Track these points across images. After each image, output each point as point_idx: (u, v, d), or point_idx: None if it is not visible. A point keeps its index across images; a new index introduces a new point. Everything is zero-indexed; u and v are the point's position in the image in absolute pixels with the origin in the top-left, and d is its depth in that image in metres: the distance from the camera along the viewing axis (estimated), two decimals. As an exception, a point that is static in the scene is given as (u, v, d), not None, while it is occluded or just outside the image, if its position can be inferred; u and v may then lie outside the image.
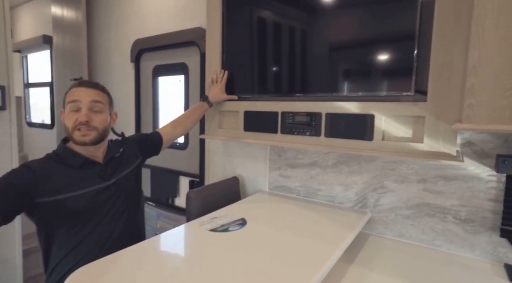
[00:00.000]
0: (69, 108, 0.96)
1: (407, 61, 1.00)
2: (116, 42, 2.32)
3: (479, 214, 1.07)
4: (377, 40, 1.08)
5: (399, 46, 1.03)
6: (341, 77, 1.20)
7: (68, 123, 0.96)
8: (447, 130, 0.95)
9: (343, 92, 1.17)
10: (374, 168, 1.26)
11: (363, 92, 1.12)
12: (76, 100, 0.96)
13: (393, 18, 1.04)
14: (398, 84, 1.04)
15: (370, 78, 1.12)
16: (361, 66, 1.13)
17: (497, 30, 0.66)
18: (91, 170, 1.00)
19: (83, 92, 0.97)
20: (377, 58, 1.09)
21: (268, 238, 1.01)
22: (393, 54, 1.06)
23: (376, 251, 1.13)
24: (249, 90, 1.44)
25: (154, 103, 2.10)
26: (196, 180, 1.88)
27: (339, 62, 1.20)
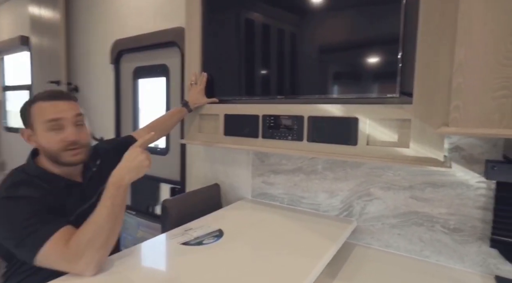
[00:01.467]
0: (48, 127, 0.83)
1: (392, 63, 0.95)
2: (95, 42, 2.23)
3: (468, 223, 1.01)
4: (361, 42, 1.02)
5: (383, 47, 0.98)
6: (324, 79, 1.14)
7: (51, 145, 0.83)
8: (433, 134, 0.90)
9: (326, 95, 1.11)
10: (360, 174, 1.20)
11: (346, 95, 1.06)
12: (57, 119, 0.83)
13: (377, 20, 0.99)
14: (383, 86, 0.98)
15: (354, 80, 1.06)
16: (345, 68, 1.08)
17: (485, 26, 0.61)
18: (72, 193, 0.89)
19: (63, 107, 0.85)
20: (362, 60, 1.03)
21: (244, 251, 0.94)
22: (377, 56, 1.00)
23: (361, 264, 1.06)
24: (230, 92, 1.37)
25: (135, 106, 2.01)
26: (177, 187, 1.80)
27: (322, 64, 1.14)
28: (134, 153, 0.83)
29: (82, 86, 2.35)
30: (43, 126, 0.83)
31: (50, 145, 0.83)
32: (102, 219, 0.76)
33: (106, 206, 0.77)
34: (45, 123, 0.83)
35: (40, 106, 0.84)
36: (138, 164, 0.81)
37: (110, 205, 0.77)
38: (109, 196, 0.78)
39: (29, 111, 0.84)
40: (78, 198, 0.91)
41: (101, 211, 0.77)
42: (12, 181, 0.82)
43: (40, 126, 0.83)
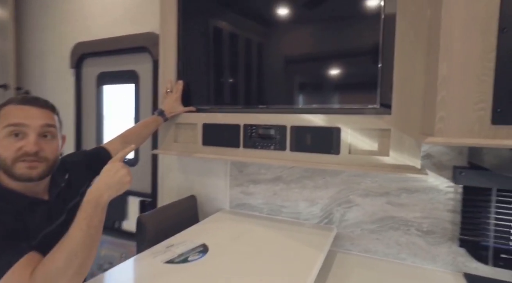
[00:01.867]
0: (8, 132, 0.72)
1: (372, 75, 1.00)
2: (52, 44, 2.04)
3: (440, 225, 1.09)
4: (342, 54, 1.07)
5: (364, 59, 1.03)
6: (306, 89, 1.16)
7: (6, 153, 0.72)
8: (411, 143, 0.96)
9: (308, 105, 1.13)
10: (339, 182, 1.23)
11: (329, 105, 1.09)
12: (19, 124, 0.73)
13: (358, 33, 1.04)
14: (364, 97, 1.03)
15: (336, 91, 1.10)
16: (327, 79, 1.11)
17: (464, 44, 0.67)
18: (36, 212, 0.77)
19: (32, 113, 0.75)
20: (343, 71, 1.08)
21: (234, 266, 0.90)
22: (358, 67, 1.05)
23: (345, 270, 1.08)
24: (208, 102, 1.34)
25: (98, 115, 1.87)
26: (147, 200, 1.69)
27: (304, 75, 1.16)
28: (114, 167, 0.75)
29: (35, 92, 2.13)
30: (3, 131, 0.72)
31: (5, 152, 0.72)
32: (75, 244, 0.66)
33: (81, 229, 0.67)
34: (6, 127, 0.72)
35: (8, 109, 0.74)
36: (119, 180, 0.73)
37: (85, 227, 0.67)
38: (84, 217, 0.69)
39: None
40: (44, 218, 0.80)
41: (75, 234, 0.67)
42: None
43: (1, 130, 0.73)
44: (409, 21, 0.94)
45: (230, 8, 1.27)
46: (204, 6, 1.32)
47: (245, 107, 1.25)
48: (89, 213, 0.69)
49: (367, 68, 1.01)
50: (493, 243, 1.00)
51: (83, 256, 0.66)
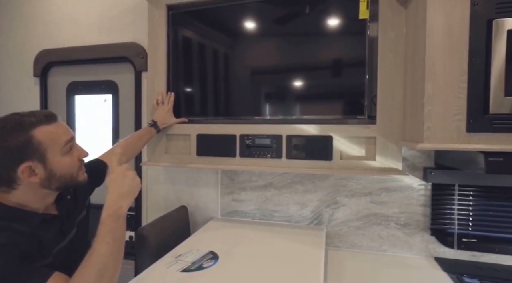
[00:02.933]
0: (66, 151, 0.74)
1: (360, 88, 1.15)
2: (10, 50, 1.87)
3: (414, 218, 1.27)
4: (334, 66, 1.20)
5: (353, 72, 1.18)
6: (300, 100, 1.27)
7: (72, 168, 0.76)
8: (394, 149, 1.12)
9: (302, 115, 1.24)
10: (328, 185, 1.36)
11: (322, 116, 1.21)
12: (71, 139, 0.76)
13: (347, 49, 1.18)
14: (353, 109, 1.17)
15: (328, 103, 1.22)
16: (318, 91, 1.23)
17: (444, 68, 0.84)
18: (49, 228, 0.75)
19: (64, 128, 0.76)
20: (333, 85, 1.21)
21: (249, 269, 0.96)
22: (348, 81, 1.19)
23: (339, 264, 1.20)
24: (202, 113, 1.37)
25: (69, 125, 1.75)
26: (130, 214, 1.63)
27: (298, 88, 1.27)
28: (120, 174, 0.73)
29: None
30: (61, 151, 0.72)
31: (71, 168, 0.75)
32: (105, 258, 0.66)
33: (107, 243, 0.67)
34: (64, 147, 0.72)
35: (47, 131, 0.70)
36: (130, 185, 0.73)
37: (111, 241, 0.67)
38: (108, 230, 0.68)
39: (32, 141, 0.68)
40: (58, 233, 0.77)
41: (103, 248, 0.66)
42: None
43: (57, 153, 0.71)
44: (388, 44, 1.11)
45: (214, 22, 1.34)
46: (191, 19, 1.36)
47: (241, 118, 1.31)
48: (112, 226, 0.69)
49: (356, 83, 1.16)
50: (457, 230, 1.21)
51: (112, 269, 0.67)
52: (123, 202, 0.71)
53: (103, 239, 0.67)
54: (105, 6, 1.66)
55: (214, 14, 1.33)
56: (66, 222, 0.81)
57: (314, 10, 1.20)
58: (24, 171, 0.68)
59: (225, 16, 1.32)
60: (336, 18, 1.18)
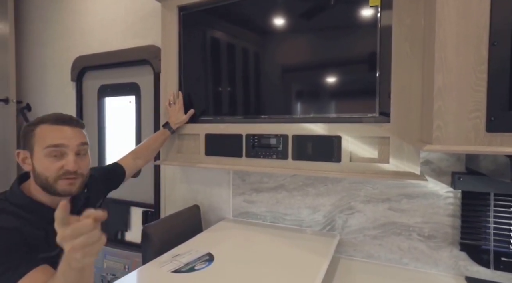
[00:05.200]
0: (48, 153, 0.76)
1: (371, 84, 1.03)
2: (52, 58, 2.07)
3: (441, 230, 1.11)
4: (341, 62, 1.10)
5: (363, 68, 1.07)
6: (307, 99, 1.20)
7: (48, 172, 0.76)
8: (410, 150, 0.99)
9: (309, 114, 1.16)
10: (341, 189, 1.25)
11: (329, 114, 1.12)
12: (59, 145, 0.77)
13: (356, 42, 1.07)
14: (364, 106, 1.06)
15: (336, 100, 1.13)
16: (327, 88, 1.14)
17: (458, 57, 0.71)
18: None
19: (69, 134, 0.79)
20: (342, 80, 1.11)
21: (240, 274, 0.92)
22: (358, 76, 1.08)
23: (349, 277, 1.10)
24: (210, 113, 1.36)
25: (100, 126, 1.89)
26: (150, 210, 1.70)
27: (305, 85, 1.20)
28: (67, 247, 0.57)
29: (36, 105, 2.15)
30: (43, 151, 0.76)
31: (47, 171, 0.76)
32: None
33: None
34: (46, 148, 0.76)
35: (44, 129, 0.78)
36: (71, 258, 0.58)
37: None
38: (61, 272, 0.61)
39: (32, 133, 0.78)
40: None
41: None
42: None
43: (40, 150, 0.77)
44: (404, 33, 0.98)
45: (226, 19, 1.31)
46: (202, 18, 1.36)
47: (246, 117, 1.28)
48: None
49: (366, 77, 1.05)
50: (493, 246, 1.03)
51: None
52: None
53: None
54: (129, 12, 1.75)
55: (225, 11, 1.31)
56: None
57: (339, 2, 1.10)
58: (18, 155, 0.79)
59: (237, 12, 1.29)
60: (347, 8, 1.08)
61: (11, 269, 0.66)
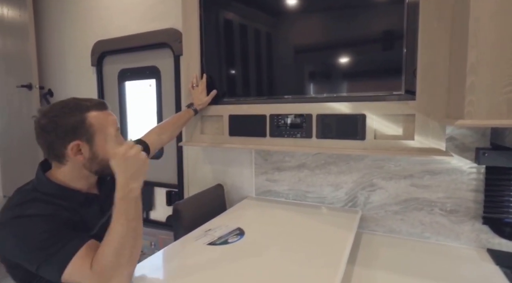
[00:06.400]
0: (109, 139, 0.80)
1: (397, 62, 1.04)
2: (72, 44, 2.10)
3: (463, 205, 1.14)
4: (366, 41, 1.10)
5: (388, 46, 1.07)
6: (331, 79, 1.21)
7: None
8: (436, 127, 1.00)
9: (333, 93, 1.17)
10: (363, 166, 1.28)
11: (354, 93, 1.13)
12: (118, 128, 0.84)
13: (382, 20, 1.07)
14: (389, 84, 1.07)
15: (361, 78, 1.14)
16: (352, 68, 1.15)
17: (494, 32, 0.71)
18: (91, 206, 0.85)
19: (114, 118, 0.84)
20: (368, 59, 1.11)
21: (272, 247, 0.97)
22: (383, 54, 1.09)
23: (373, 249, 1.15)
24: (233, 94, 1.39)
25: (121, 110, 1.94)
26: (174, 190, 1.77)
27: (329, 65, 1.20)
28: (121, 158, 0.71)
29: (58, 90, 2.21)
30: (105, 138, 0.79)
31: None
32: (120, 238, 0.69)
33: (121, 224, 0.70)
34: (108, 135, 0.79)
35: (97, 117, 0.79)
36: (135, 167, 0.71)
37: (125, 222, 0.70)
38: (121, 212, 0.71)
39: (85, 122, 0.77)
40: (98, 211, 0.87)
41: (117, 229, 0.70)
42: (20, 200, 0.75)
43: (102, 137, 0.79)
44: (432, 9, 0.97)
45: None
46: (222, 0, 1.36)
47: (270, 98, 1.30)
48: (124, 208, 0.71)
49: (392, 56, 1.05)
50: (516, 219, 1.05)
51: (130, 247, 0.70)
52: (132, 184, 0.71)
53: (117, 221, 0.70)
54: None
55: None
56: (105, 201, 0.89)
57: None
58: (72, 148, 0.76)
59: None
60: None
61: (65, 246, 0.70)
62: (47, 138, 0.77)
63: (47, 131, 0.76)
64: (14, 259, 0.73)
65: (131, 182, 0.71)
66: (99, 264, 0.69)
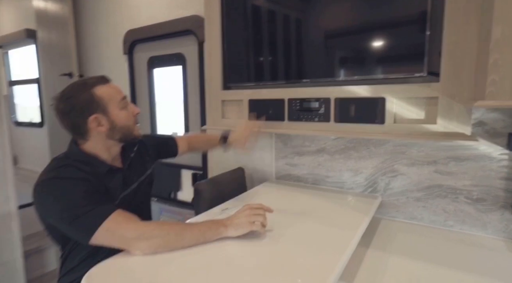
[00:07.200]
0: (122, 106, 0.90)
1: (420, 43, 0.98)
2: (106, 34, 2.23)
3: (491, 193, 1.07)
4: (387, 24, 1.05)
5: (411, 28, 1.01)
6: (351, 61, 1.17)
7: (128, 121, 0.92)
8: (461, 110, 0.94)
9: (352, 76, 1.15)
10: (384, 152, 1.25)
11: (373, 76, 1.10)
12: (124, 96, 0.92)
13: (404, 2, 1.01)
14: (410, 66, 1.02)
15: (381, 61, 1.10)
16: (371, 50, 1.11)
17: (522, 3, 0.65)
18: (114, 177, 0.93)
19: (118, 88, 0.92)
20: (387, 42, 1.07)
21: (287, 225, 1.00)
22: (405, 36, 1.03)
23: (390, 234, 1.13)
24: (252, 78, 1.40)
25: (151, 96, 2.04)
26: (199, 173, 1.85)
27: (348, 47, 1.17)
28: (241, 211, 0.90)
29: (95, 78, 2.36)
30: (118, 106, 0.88)
31: (128, 120, 0.91)
32: (187, 234, 0.81)
33: (199, 229, 0.83)
34: (119, 103, 0.88)
35: (104, 90, 0.86)
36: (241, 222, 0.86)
37: (198, 235, 0.83)
38: (207, 226, 0.85)
39: (95, 97, 0.84)
40: (120, 183, 0.94)
41: (192, 229, 0.83)
42: (59, 164, 0.84)
43: (115, 107, 0.87)
44: (462, -18, 0.90)
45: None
46: (245, -15, 1.36)
47: (288, 82, 1.29)
48: (211, 228, 0.85)
49: (414, 38, 0.99)
50: (550, 210, 0.98)
51: (177, 245, 0.80)
52: (229, 229, 0.85)
53: (198, 229, 0.83)
54: (172, -18, 1.79)
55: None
56: (128, 175, 0.98)
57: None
58: (92, 121, 0.85)
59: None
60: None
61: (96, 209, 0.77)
62: (69, 119, 0.86)
63: (67, 113, 0.85)
64: (49, 219, 0.83)
65: (232, 228, 0.85)
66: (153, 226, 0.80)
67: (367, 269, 0.92)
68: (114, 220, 0.78)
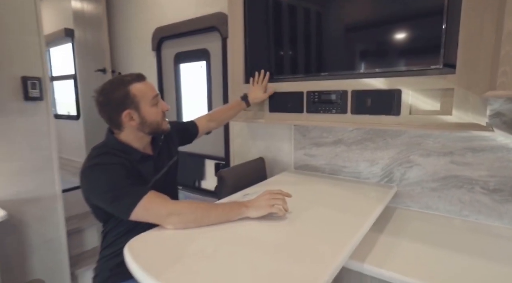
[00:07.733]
0: (154, 103, 0.99)
1: (436, 36, 1.01)
2: (136, 31, 2.37)
3: (508, 184, 1.08)
4: (405, 16, 1.08)
5: (427, 21, 1.04)
6: (367, 54, 1.21)
7: (157, 117, 1.00)
8: (476, 101, 0.97)
9: (369, 69, 1.19)
10: (400, 143, 1.28)
11: (390, 68, 1.13)
12: (157, 94, 1.00)
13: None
14: (426, 58, 1.05)
15: (398, 54, 1.13)
16: (388, 43, 1.14)
17: (533, -4, 0.67)
18: (146, 164, 1.02)
19: (152, 86, 1.01)
20: (405, 34, 1.10)
21: (303, 209, 1.06)
22: (421, 29, 1.06)
23: (404, 222, 1.17)
24: (273, 72, 1.47)
25: (177, 90, 2.16)
26: (221, 163, 1.95)
27: (365, 40, 1.21)
28: (261, 195, 0.98)
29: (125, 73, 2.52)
30: (149, 103, 0.98)
31: (157, 116, 1.00)
32: (212, 212, 0.91)
33: (223, 209, 0.92)
34: (151, 100, 0.98)
35: (139, 87, 0.96)
36: (260, 205, 0.94)
37: (221, 213, 0.92)
38: (229, 206, 0.94)
39: (130, 93, 0.94)
40: (151, 168, 1.06)
41: (217, 208, 0.92)
42: (98, 153, 0.96)
43: (146, 103, 0.97)
44: (479, -26, 0.91)
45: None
46: (267, -18, 1.42)
47: (307, 75, 1.35)
48: (233, 208, 0.93)
49: (431, 30, 1.02)
50: None
51: (203, 221, 0.90)
52: (250, 210, 0.93)
53: (222, 208, 0.92)
54: (198, -19, 1.88)
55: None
56: (158, 161, 1.09)
57: None
58: (125, 115, 0.95)
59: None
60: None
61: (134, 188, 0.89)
62: (106, 111, 0.97)
63: (104, 105, 0.96)
64: (93, 200, 0.95)
65: (251, 208, 0.93)
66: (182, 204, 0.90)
67: (379, 252, 0.97)
68: (149, 199, 0.88)
